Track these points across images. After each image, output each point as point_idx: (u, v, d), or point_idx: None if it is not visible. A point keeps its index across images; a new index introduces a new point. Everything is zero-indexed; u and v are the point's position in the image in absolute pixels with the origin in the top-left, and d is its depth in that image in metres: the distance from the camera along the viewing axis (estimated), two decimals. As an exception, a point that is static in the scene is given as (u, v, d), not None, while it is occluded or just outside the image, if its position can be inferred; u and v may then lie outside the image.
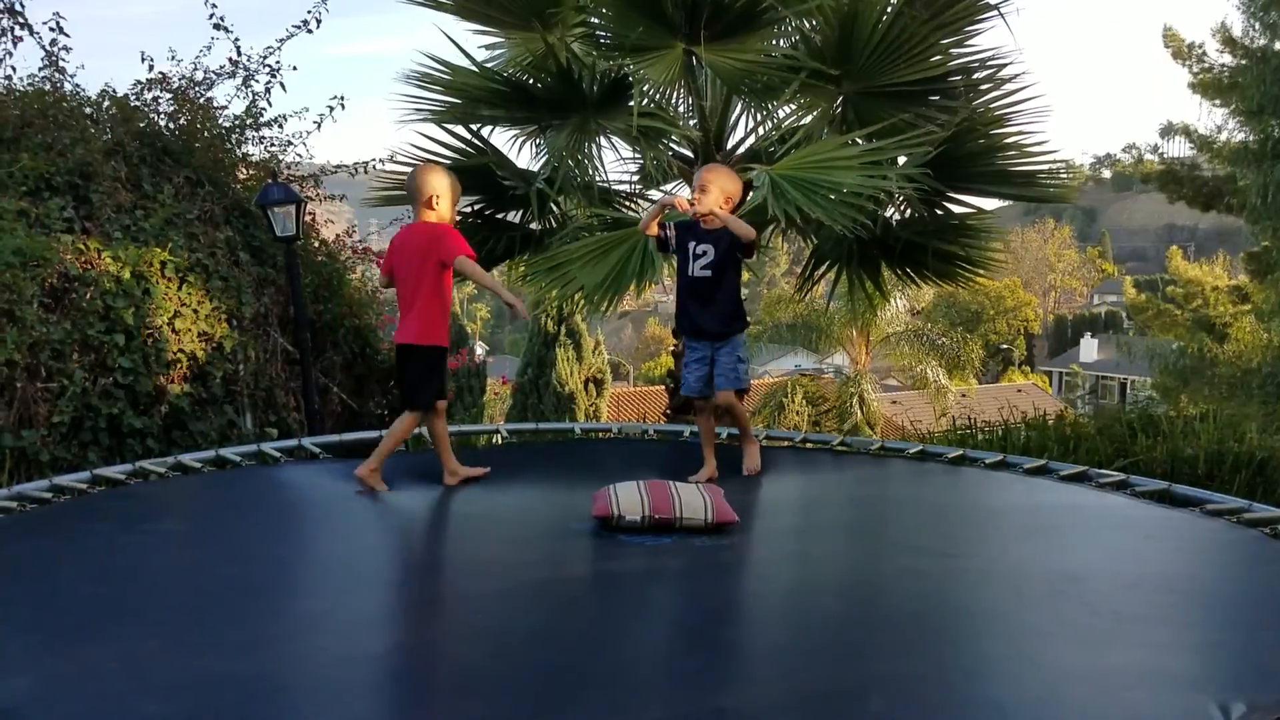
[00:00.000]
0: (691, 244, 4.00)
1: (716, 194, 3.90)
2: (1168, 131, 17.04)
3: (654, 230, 4.11)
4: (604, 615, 2.62)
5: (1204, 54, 15.30)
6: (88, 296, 5.02)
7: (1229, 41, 14.77)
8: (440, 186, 3.95)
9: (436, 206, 3.94)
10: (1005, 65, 5.85)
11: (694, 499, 3.21)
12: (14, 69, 6.21)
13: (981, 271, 6.54)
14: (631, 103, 5.65)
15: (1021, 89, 5.88)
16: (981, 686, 2.19)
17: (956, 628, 2.55)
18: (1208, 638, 2.46)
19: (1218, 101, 15.08)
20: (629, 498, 3.20)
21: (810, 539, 3.40)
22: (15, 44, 6.18)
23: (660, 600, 2.76)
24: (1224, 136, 15.39)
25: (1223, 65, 15.01)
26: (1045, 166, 6.07)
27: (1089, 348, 46.28)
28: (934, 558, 3.13)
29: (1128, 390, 33.61)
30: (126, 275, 5.20)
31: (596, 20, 6.08)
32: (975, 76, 5.95)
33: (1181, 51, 15.50)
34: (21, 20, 6.17)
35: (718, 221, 3.87)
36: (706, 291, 4.01)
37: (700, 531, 3.16)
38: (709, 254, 3.97)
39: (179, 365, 5.42)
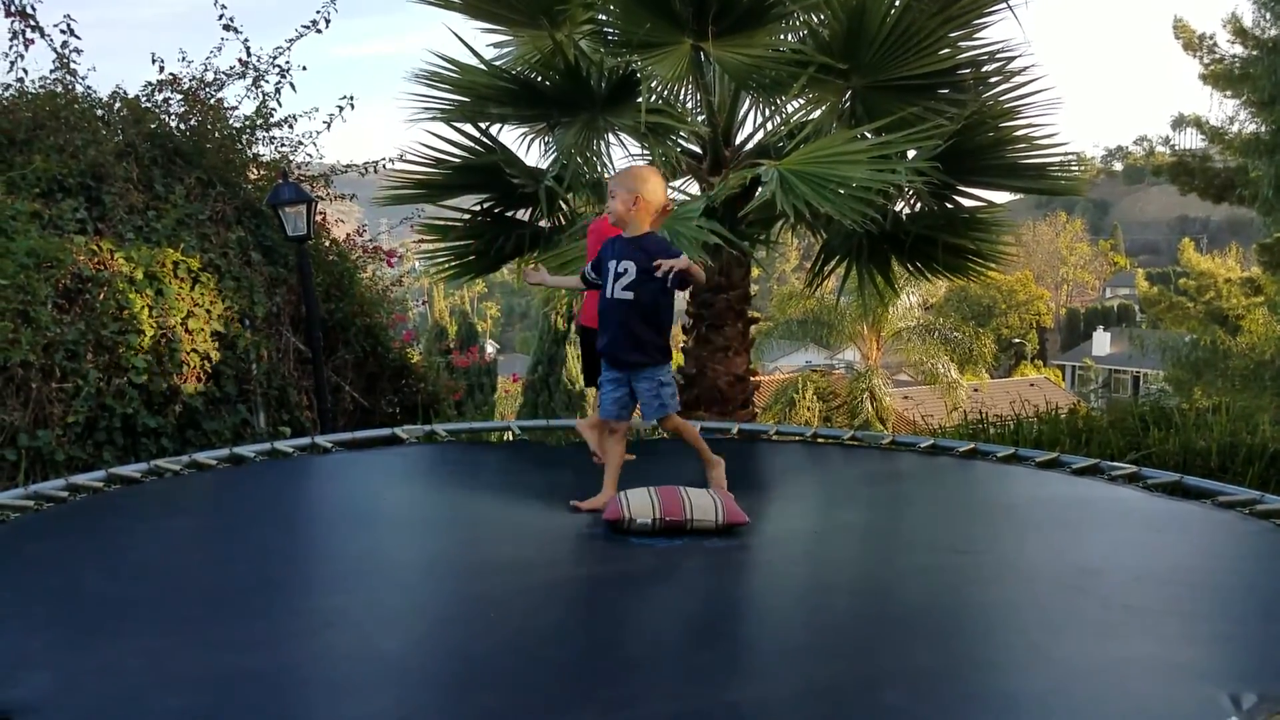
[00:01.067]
0: (611, 263, 3.51)
1: (622, 198, 3.45)
2: (1179, 123, 16.94)
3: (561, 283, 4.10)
4: (616, 613, 2.63)
5: (1215, 45, 15.21)
6: (101, 297, 5.05)
7: (1240, 32, 14.68)
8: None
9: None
10: (1014, 58, 5.85)
11: (704, 501, 3.21)
12: (26, 71, 6.24)
13: (992, 265, 6.53)
14: (639, 99, 5.66)
15: (1031, 81, 5.89)
16: (993, 680, 2.19)
17: (968, 622, 2.55)
18: (1220, 630, 2.46)
19: (1229, 93, 15.00)
20: (639, 501, 3.21)
21: (821, 535, 3.40)
22: (27, 47, 6.21)
23: (672, 598, 2.77)
24: (1236, 128, 15.31)
25: (1234, 56, 14.92)
26: (1056, 159, 6.07)
27: (1101, 341, 46.09)
28: (945, 552, 3.13)
29: (1140, 383, 33.48)
30: (139, 276, 5.23)
31: (604, 17, 6.10)
32: (984, 69, 5.94)
33: (1192, 43, 15.41)
34: (33, 23, 6.20)
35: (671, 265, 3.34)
36: (623, 315, 3.48)
37: (711, 533, 3.16)
38: (629, 272, 3.45)
39: (192, 365, 5.45)
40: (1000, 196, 6.65)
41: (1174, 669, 2.20)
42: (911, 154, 5.64)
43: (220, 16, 6.72)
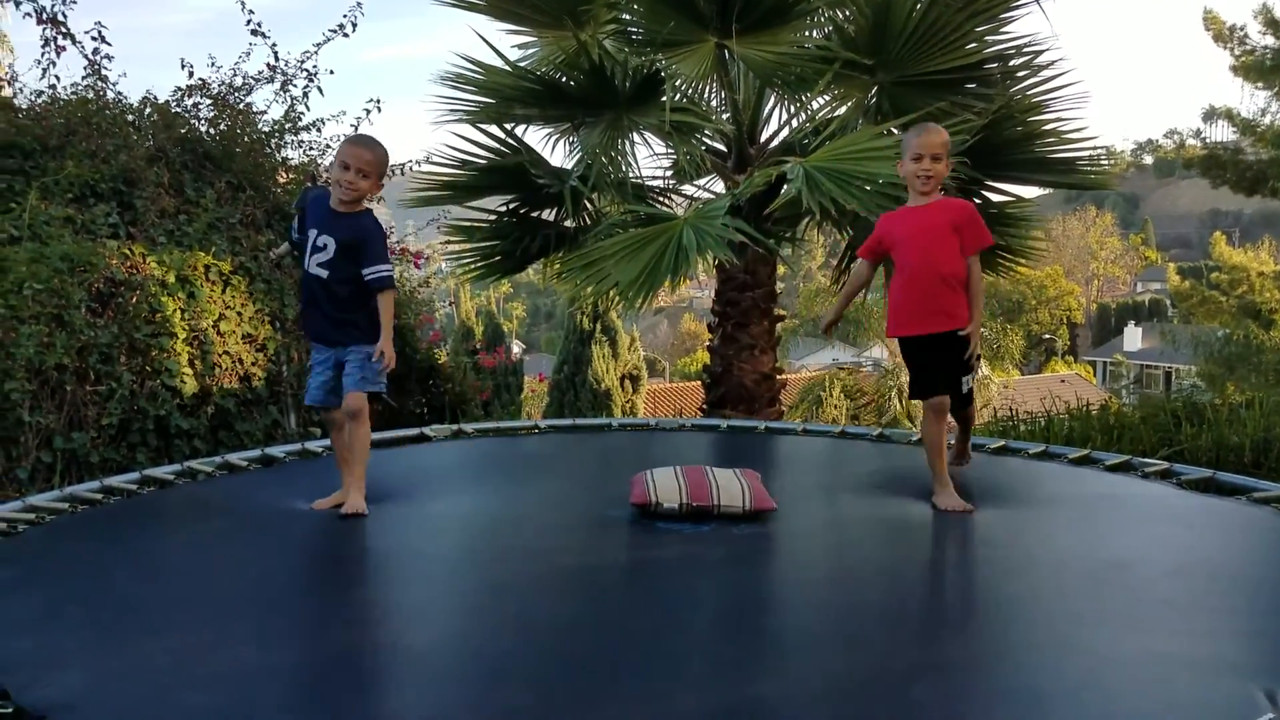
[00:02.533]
0: (312, 232, 3.38)
1: (374, 181, 3.40)
2: (1210, 116, 16.72)
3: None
4: (641, 603, 2.64)
5: (1245, 36, 15.01)
6: (134, 300, 5.11)
7: (1271, 23, 14.48)
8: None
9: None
10: (1042, 51, 5.80)
11: (732, 485, 3.21)
12: (58, 78, 6.33)
13: (1021, 260, 6.49)
14: (664, 98, 5.66)
15: (1059, 75, 5.83)
16: (1023, 673, 2.18)
17: (998, 615, 2.54)
18: (1254, 625, 2.43)
19: (1260, 84, 14.80)
20: (666, 484, 3.21)
21: (849, 528, 3.39)
22: (59, 54, 6.30)
23: (698, 588, 2.77)
24: (1268, 120, 15.10)
25: (1265, 47, 14.72)
26: (1085, 153, 6.01)
27: (1133, 336, 45.59)
28: (975, 547, 3.12)
29: (1172, 379, 33.08)
30: (171, 279, 5.29)
31: (628, 16, 6.11)
32: (1012, 64, 5.90)
33: (1222, 34, 15.21)
34: (64, 30, 6.29)
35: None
36: (323, 293, 3.38)
37: (738, 519, 3.16)
38: (328, 248, 3.34)
39: (224, 367, 5.51)
40: (1029, 191, 6.60)
41: (1206, 663, 2.17)
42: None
43: (248, 22, 6.79)
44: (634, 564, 2.95)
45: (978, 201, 6.16)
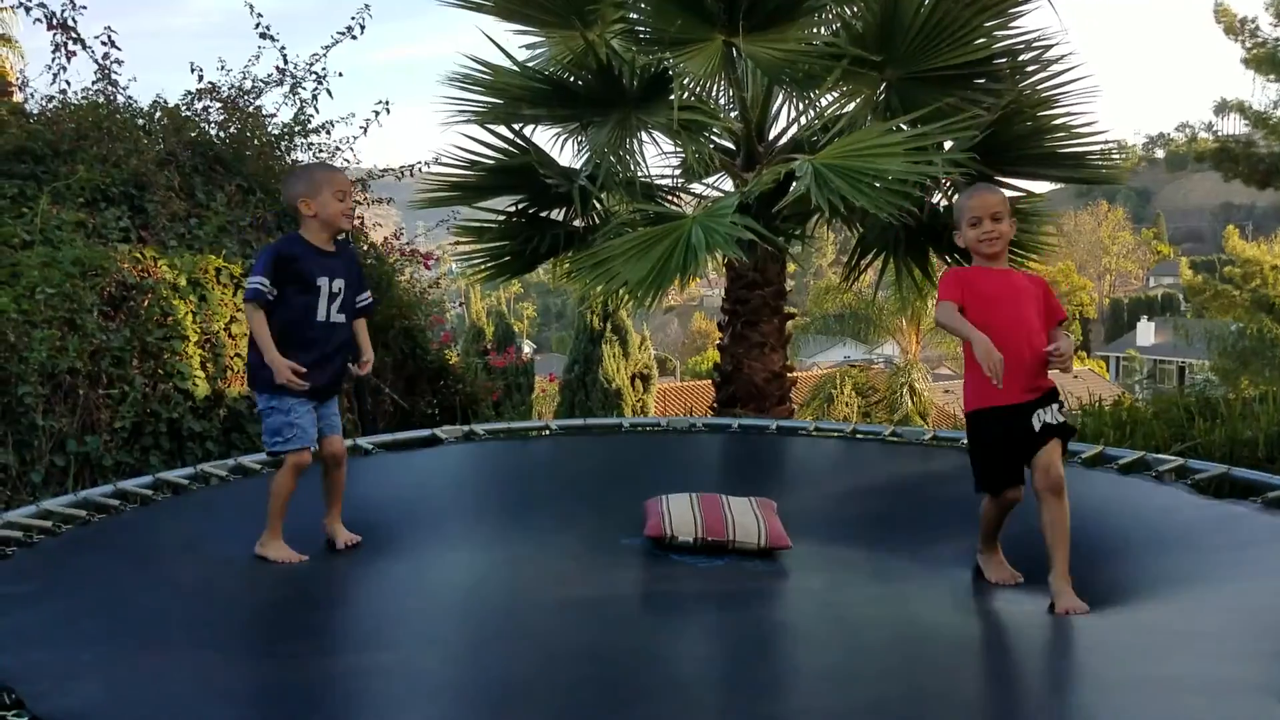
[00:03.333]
0: (323, 280, 3.26)
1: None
2: (1222, 109, 16.65)
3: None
4: (654, 632, 2.62)
5: (1257, 28, 14.91)
6: (145, 304, 5.13)
7: (1283, 14, 14.38)
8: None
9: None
10: (1051, 46, 5.77)
11: (747, 520, 3.17)
12: (69, 83, 6.36)
13: (1033, 256, 6.45)
14: (672, 97, 5.65)
15: (1069, 70, 5.80)
16: (1038, 698, 2.15)
17: (1012, 639, 2.50)
18: (1275, 645, 2.37)
19: (1272, 77, 14.70)
20: (682, 516, 3.17)
21: (862, 552, 3.31)
22: (69, 59, 6.32)
23: (711, 619, 2.75)
24: (1279, 112, 15.00)
25: (1276, 39, 14.62)
26: (1095, 147, 5.97)
27: (1146, 331, 45.36)
28: (989, 584, 3.00)
29: (1186, 374, 32.91)
30: (183, 282, 5.31)
31: (635, 15, 6.10)
32: (1021, 58, 5.87)
33: (1233, 27, 15.12)
34: (74, 35, 6.31)
35: None
36: (338, 340, 3.38)
37: (752, 554, 3.13)
38: (341, 293, 3.31)
39: (236, 369, 5.52)
40: (1040, 186, 6.56)
41: (1226, 683, 2.13)
42: (948, 145, 5.58)
43: (256, 25, 6.80)
44: (647, 595, 2.94)
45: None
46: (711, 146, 6.17)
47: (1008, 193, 6.14)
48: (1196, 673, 2.17)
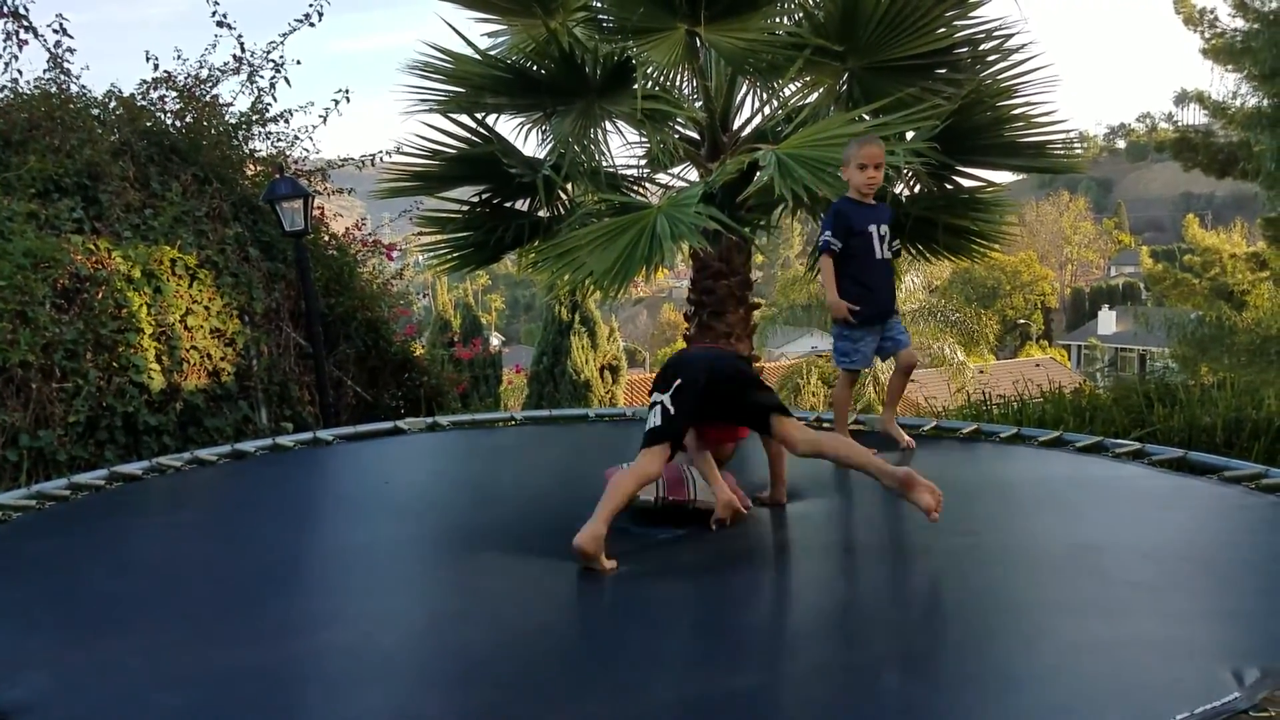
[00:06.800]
0: (872, 227, 4.01)
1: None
2: (1182, 99, 16.80)
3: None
4: (615, 603, 2.62)
5: (1215, 19, 15.09)
6: (99, 296, 5.05)
7: (1240, 5, 14.55)
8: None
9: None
10: (1012, 36, 5.79)
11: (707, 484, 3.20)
12: (20, 72, 6.25)
13: (995, 246, 6.48)
14: (635, 86, 5.63)
15: (1029, 59, 5.82)
16: (993, 659, 2.18)
17: (969, 602, 2.53)
18: (1223, 606, 2.45)
19: (1230, 67, 14.86)
20: None
21: (822, 521, 3.38)
22: (20, 47, 6.21)
23: (672, 588, 2.74)
24: (1238, 102, 15.19)
25: (1235, 30, 14.79)
26: (1055, 137, 6.01)
27: (1107, 320, 45.94)
28: (946, 534, 3.11)
29: (1146, 362, 33.38)
30: (137, 274, 5.23)
31: (597, 4, 6.06)
32: (981, 48, 5.89)
33: (1193, 17, 15.29)
34: (26, 24, 6.20)
35: None
36: (889, 273, 4.11)
37: (711, 514, 3.15)
38: (886, 234, 4.04)
39: (192, 362, 5.46)
40: (1001, 176, 6.60)
41: (1176, 645, 2.18)
42: (910, 135, 5.60)
43: (214, 13, 6.71)
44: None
45: (949, 187, 6.16)
46: (676, 136, 6.15)
47: (968, 183, 6.18)
48: (1145, 632, 2.22)
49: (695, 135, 6.38)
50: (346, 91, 7.17)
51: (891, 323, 4.07)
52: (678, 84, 6.23)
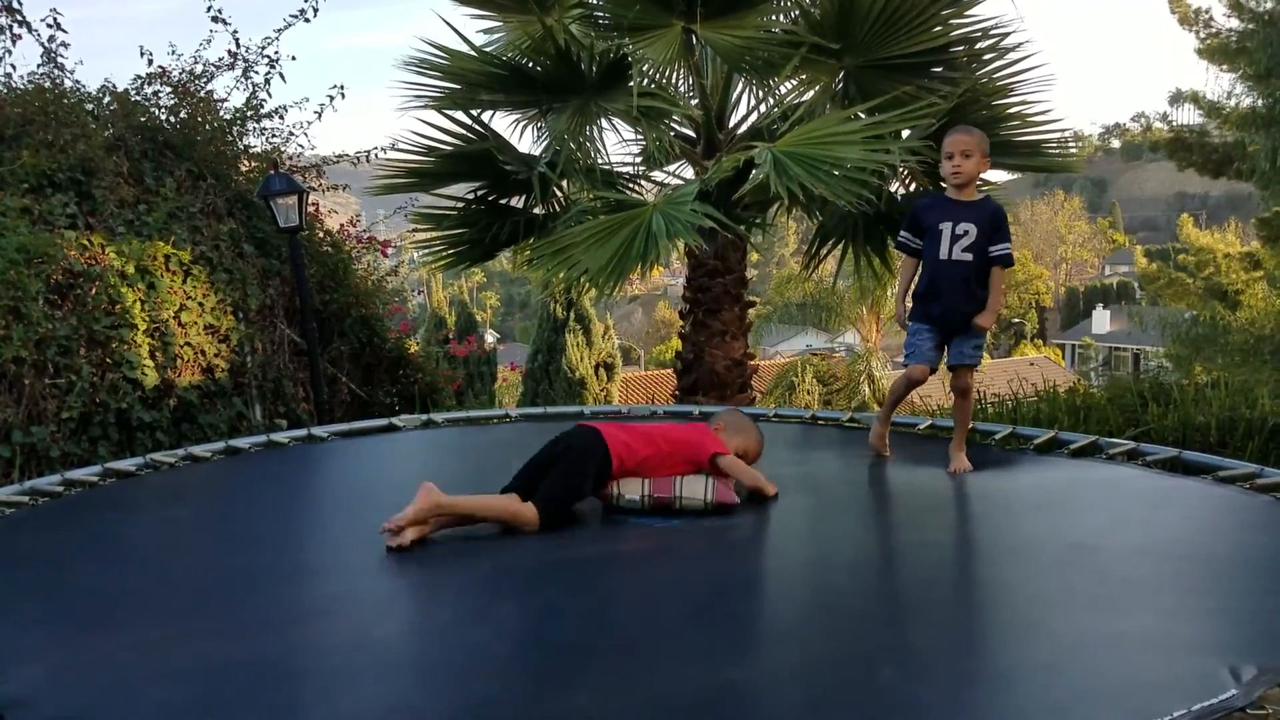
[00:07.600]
0: (946, 224, 3.76)
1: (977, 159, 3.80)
2: (1176, 99, 16.83)
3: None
4: (611, 594, 2.62)
5: (1210, 19, 15.12)
6: (93, 292, 5.03)
7: (1235, 5, 14.58)
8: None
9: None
10: (1007, 35, 5.80)
11: (694, 479, 3.20)
12: (14, 67, 6.23)
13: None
14: (631, 83, 5.62)
15: (1025, 59, 5.84)
16: (989, 656, 2.18)
17: (965, 599, 2.54)
18: (1219, 603, 2.45)
19: (1225, 67, 14.90)
20: (629, 478, 3.20)
21: (818, 516, 3.38)
22: (14, 42, 6.19)
23: (667, 578, 2.75)
24: (1233, 102, 15.22)
25: (1230, 30, 14.83)
26: (1050, 136, 6.02)
27: (1101, 319, 46.03)
28: (941, 530, 3.12)
29: (1140, 361, 33.44)
30: (131, 270, 5.21)
31: (594, 1, 6.05)
32: (977, 47, 5.89)
33: (1188, 17, 15.31)
34: (20, 18, 6.17)
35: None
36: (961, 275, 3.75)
37: (701, 513, 3.15)
38: (969, 234, 3.70)
39: (186, 358, 5.44)
40: (996, 175, 6.61)
41: (1172, 642, 2.18)
42: (905, 133, 5.60)
43: (209, 9, 6.68)
44: (603, 556, 2.93)
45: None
46: (672, 134, 6.15)
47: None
48: (1142, 629, 2.22)
49: (691, 133, 6.37)
50: (341, 87, 7.15)
51: (968, 334, 3.80)
52: (674, 81, 6.23)
